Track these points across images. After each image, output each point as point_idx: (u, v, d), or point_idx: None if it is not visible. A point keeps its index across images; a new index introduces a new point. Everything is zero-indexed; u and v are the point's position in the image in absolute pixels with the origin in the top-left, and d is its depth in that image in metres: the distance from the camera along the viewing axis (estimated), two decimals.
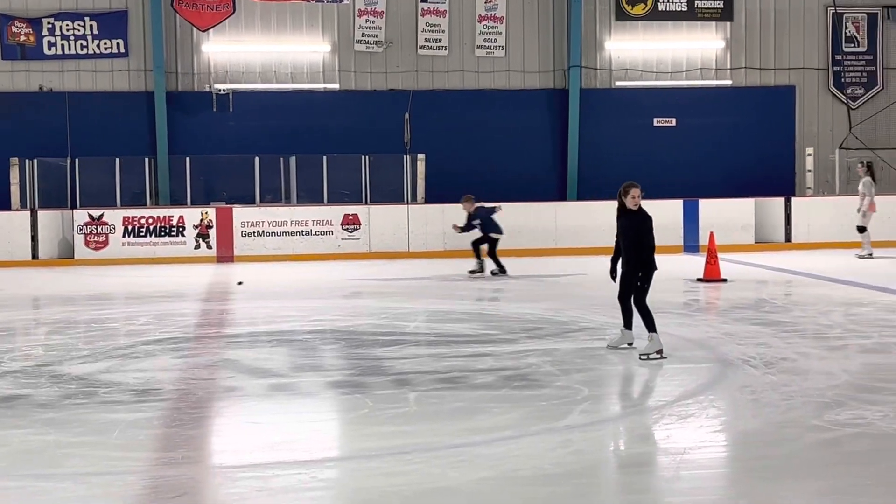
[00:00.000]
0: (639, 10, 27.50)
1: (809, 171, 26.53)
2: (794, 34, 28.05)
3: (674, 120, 27.52)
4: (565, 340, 11.30)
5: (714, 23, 27.79)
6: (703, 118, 27.45)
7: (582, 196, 26.27)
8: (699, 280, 17.22)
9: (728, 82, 27.92)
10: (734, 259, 20.72)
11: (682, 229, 23.42)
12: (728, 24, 27.80)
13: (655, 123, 27.52)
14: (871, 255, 20.86)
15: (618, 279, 10.47)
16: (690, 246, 23.13)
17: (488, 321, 12.97)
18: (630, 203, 10.36)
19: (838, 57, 28.07)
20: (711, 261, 17.28)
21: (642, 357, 10.01)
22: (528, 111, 27.32)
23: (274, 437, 7.30)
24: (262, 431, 7.47)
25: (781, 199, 24.39)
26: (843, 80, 28.07)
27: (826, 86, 28.21)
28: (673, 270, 19.32)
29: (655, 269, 10.27)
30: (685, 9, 27.56)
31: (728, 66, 27.96)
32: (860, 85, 28.22)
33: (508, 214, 23.66)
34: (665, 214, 23.00)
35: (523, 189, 25.33)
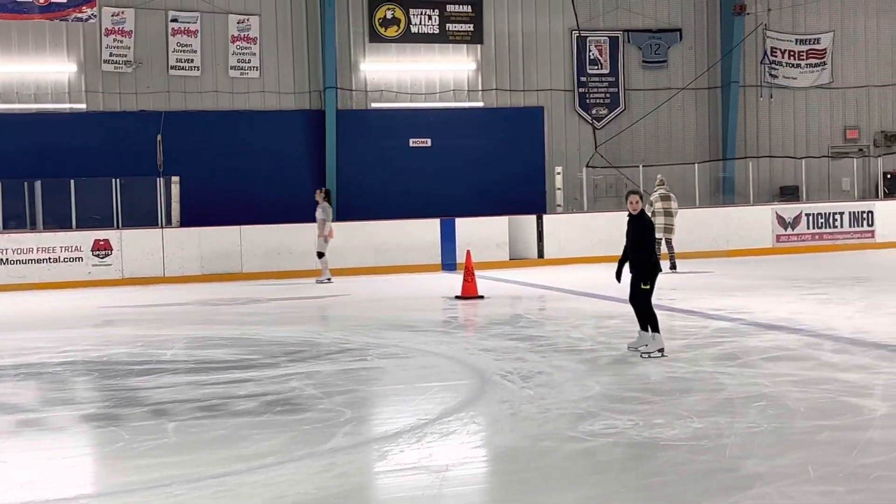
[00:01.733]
0: (392, 32, 27.85)
1: (559, 189, 27.44)
2: (541, 57, 29.03)
3: (429, 140, 27.97)
4: (327, 362, 11.25)
5: (465, 45, 28.44)
6: (458, 139, 28.01)
7: (342, 217, 26.28)
8: (457, 297, 17.51)
9: (480, 104, 28.62)
10: (490, 276, 21.20)
11: (440, 248, 23.78)
12: (479, 46, 28.51)
13: (411, 144, 27.90)
14: (329, 279, 21.45)
15: (624, 282, 11.15)
16: (448, 264, 23.51)
17: (249, 346, 12.77)
18: (630, 208, 11.02)
19: (583, 79, 29.24)
20: (468, 278, 17.60)
21: (643, 355, 10.74)
22: (285, 132, 27.17)
23: (24, 476, 6.93)
24: (10, 471, 7.09)
25: (534, 217, 25.13)
26: (587, 100, 29.26)
27: (573, 106, 29.32)
28: (431, 288, 19.59)
29: (660, 270, 11.03)
30: (437, 31, 28.10)
31: (480, 88, 28.66)
32: (604, 105, 29.48)
33: (270, 237, 23.47)
34: (423, 233, 23.32)
35: (283, 211, 25.12)
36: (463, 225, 24.07)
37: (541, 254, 24.67)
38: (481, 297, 17.38)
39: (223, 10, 26.97)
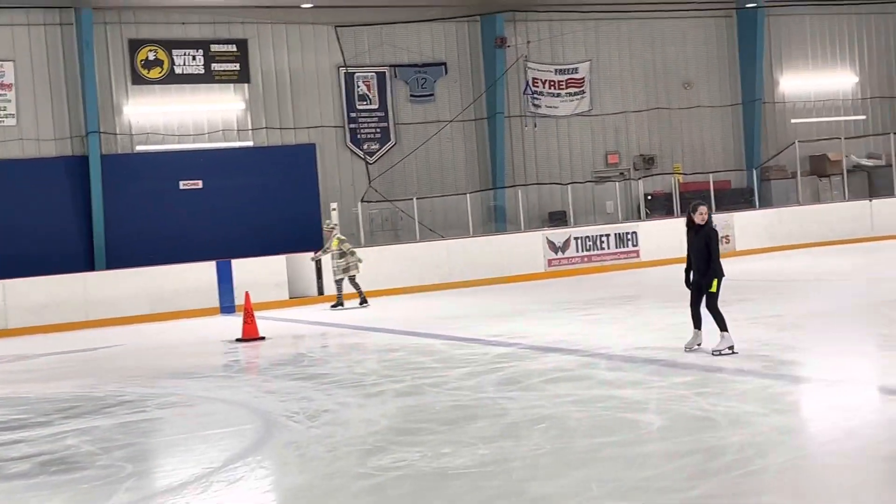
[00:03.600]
0: (155, 73, 27.26)
1: (336, 225, 27.42)
2: (310, 94, 29.01)
3: (200, 182, 27.45)
4: (104, 417, 10.84)
5: (232, 85, 28.13)
6: (230, 179, 27.61)
7: (112, 265, 25.43)
8: (238, 340, 17.22)
9: (250, 143, 28.34)
10: (271, 316, 20.96)
11: (217, 291, 23.33)
12: (246, 85, 28.25)
13: (182, 186, 27.30)
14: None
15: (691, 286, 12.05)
16: (227, 307, 23.09)
17: (19, 405, 12.16)
18: (698, 219, 11.98)
19: (353, 114, 29.39)
20: (248, 320, 17.34)
21: (715, 353, 11.47)
22: (47, 181, 26.11)
23: None
24: None
25: (310, 254, 25.01)
26: (359, 136, 29.42)
27: (344, 142, 29.41)
28: (210, 333, 19.20)
29: (723, 275, 11.89)
30: (202, 72, 27.69)
31: (249, 127, 28.38)
32: (375, 140, 29.70)
33: (37, 290, 22.49)
34: (199, 277, 22.84)
35: (50, 262, 24.10)
36: (240, 266, 23.70)
37: (321, 290, 24.55)
38: (262, 338, 17.15)
39: None
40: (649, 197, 30.82)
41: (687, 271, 12.30)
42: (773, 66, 33.64)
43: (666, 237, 26.78)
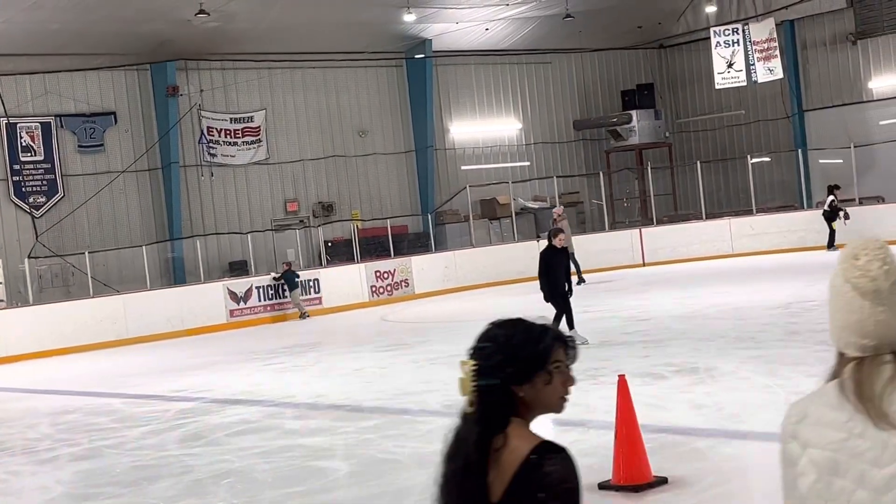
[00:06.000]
0: None
1: (0, 283, 25.94)
2: None
3: None
4: None
5: None
6: None
7: None
8: None
9: None
10: None
11: None
12: None
13: None
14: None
15: None
16: None
17: None
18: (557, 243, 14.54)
19: (16, 167, 27.93)
20: None
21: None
22: None
23: None
24: None
25: None
26: (23, 189, 27.98)
27: (7, 196, 27.90)
28: None
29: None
30: None
31: None
32: (42, 193, 28.33)
33: None
34: None
35: None
36: None
37: None
38: None
39: None
40: (329, 244, 31.06)
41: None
42: (443, 113, 34.84)
43: (348, 283, 27.04)
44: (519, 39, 34.73)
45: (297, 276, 26.36)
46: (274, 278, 26.44)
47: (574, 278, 24.07)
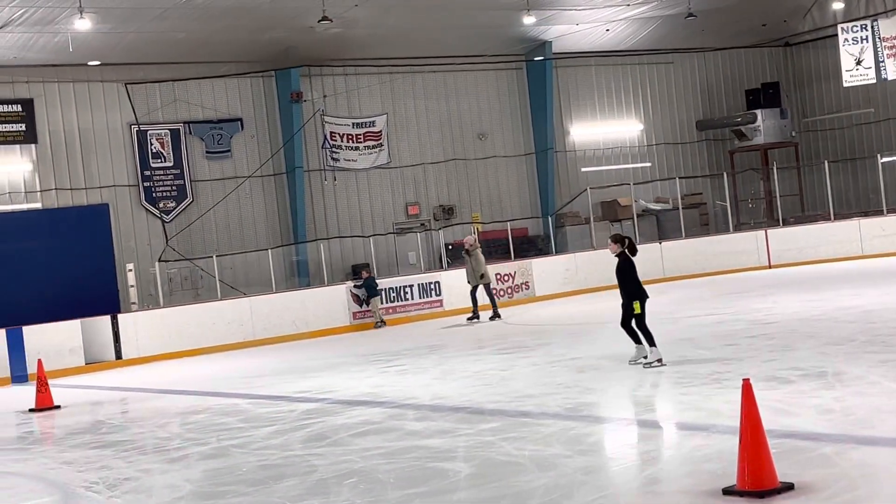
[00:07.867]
0: None
1: (132, 286, 26.66)
2: (101, 153, 28.24)
3: None
4: None
5: (18, 146, 27.15)
6: (17, 243, 26.43)
7: None
8: (31, 410, 16.47)
9: (38, 205, 27.34)
10: (66, 384, 20.15)
11: (8, 360, 22.31)
12: (33, 146, 27.30)
13: None
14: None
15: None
16: (18, 376, 22.08)
17: None
18: (610, 249, 14.10)
19: (147, 172, 28.75)
20: (42, 389, 16.62)
21: (646, 366, 13.18)
22: None
23: None
24: None
25: (108, 317, 24.22)
26: (154, 194, 28.78)
27: (139, 201, 28.71)
28: (2, 403, 18.31)
29: (647, 297, 13.70)
30: None
31: (38, 189, 27.41)
32: (171, 198, 29.11)
33: None
34: None
35: None
36: (31, 333, 22.73)
37: (119, 355, 23.78)
38: (58, 406, 16.45)
39: None
40: (450, 247, 31.20)
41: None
42: (563, 115, 34.71)
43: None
44: (640, 39, 34.40)
45: (377, 284, 25.92)
46: (356, 286, 25.96)
47: (489, 312, 23.88)
